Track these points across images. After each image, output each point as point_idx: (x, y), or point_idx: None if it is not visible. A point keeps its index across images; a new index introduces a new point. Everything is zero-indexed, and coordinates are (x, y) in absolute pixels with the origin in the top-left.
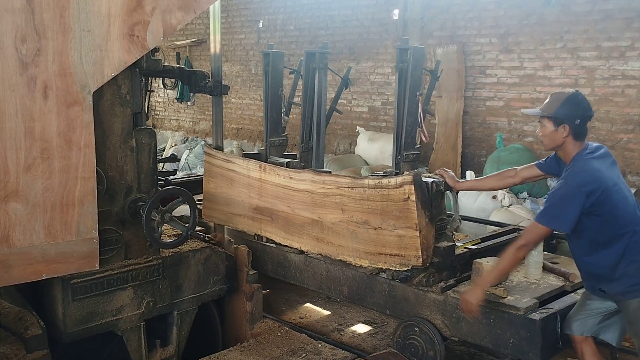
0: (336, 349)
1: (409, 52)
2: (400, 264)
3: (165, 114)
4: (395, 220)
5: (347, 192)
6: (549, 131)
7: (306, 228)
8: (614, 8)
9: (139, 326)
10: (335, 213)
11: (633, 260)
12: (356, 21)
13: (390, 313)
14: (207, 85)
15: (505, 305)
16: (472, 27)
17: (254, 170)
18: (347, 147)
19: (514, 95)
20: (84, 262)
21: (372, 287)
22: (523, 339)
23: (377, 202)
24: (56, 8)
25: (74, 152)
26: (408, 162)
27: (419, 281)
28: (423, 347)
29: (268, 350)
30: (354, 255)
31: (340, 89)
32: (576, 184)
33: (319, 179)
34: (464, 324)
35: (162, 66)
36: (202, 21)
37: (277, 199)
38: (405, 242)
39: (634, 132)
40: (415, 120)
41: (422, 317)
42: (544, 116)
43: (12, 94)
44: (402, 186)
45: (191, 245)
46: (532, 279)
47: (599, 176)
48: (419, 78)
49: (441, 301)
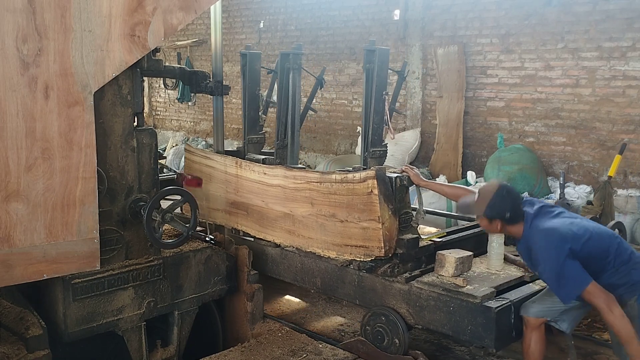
0: (337, 349)
1: (375, 53)
2: (364, 255)
3: (166, 114)
4: (359, 213)
5: (316, 187)
6: (485, 225)
7: (279, 221)
8: (615, 8)
9: (140, 326)
10: (306, 207)
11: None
12: (357, 21)
13: (359, 303)
14: (208, 86)
15: (464, 293)
16: (473, 28)
17: (230, 167)
18: (347, 147)
19: (515, 96)
20: (85, 262)
21: (342, 279)
22: (480, 326)
23: (343, 196)
24: (57, 8)
25: (75, 152)
26: (375, 158)
27: (383, 271)
28: (389, 335)
29: (269, 350)
30: (322, 247)
31: (315, 89)
32: (551, 257)
33: (291, 174)
34: (426, 312)
35: (163, 66)
36: (203, 21)
37: (252, 194)
38: (369, 233)
39: (635, 133)
40: (382, 119)
41: (388, 306)
42: (478, 216)
43: (13, 94)
44: (365, 181)
45: (192, 245)
46: (494, 269)
47: (561, 230)
48: (385, 78)
49: (406, 291)
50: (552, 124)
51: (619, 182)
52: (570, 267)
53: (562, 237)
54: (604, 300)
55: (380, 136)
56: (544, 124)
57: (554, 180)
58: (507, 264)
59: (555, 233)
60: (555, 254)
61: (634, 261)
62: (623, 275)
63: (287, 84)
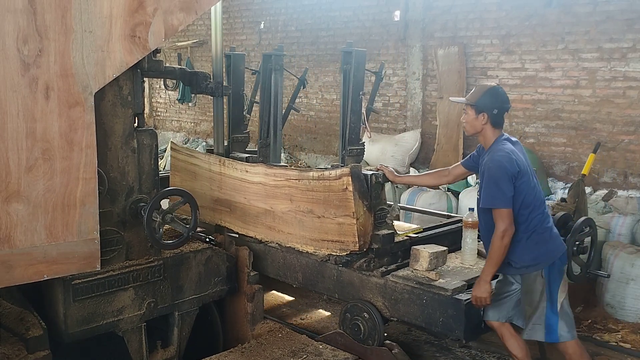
0: (337, 350)
1: (352, 55)
2: (340, 249)
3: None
4: (335, 209)
5: (294, 184)
6: (470, 118)
7: (260, 217)
8: (616, 9)
9: (140, 327)
10: (285, 203)
11: (532, 239)
12: (357, 22)
13: (338, 297)
14: (209, 86)
15: (436, 287)
16: (473, 29)
17: (214, 165)
18: None
19: (515, 97)
20: (85, 262)
21: (322, 273)
22: (450, 317)
23: (320, 193)
24: (58, 9)
25: (76, 152)
26: (352, 156)
27: (359, 266)
28: (366, 327)
29: (269, 351)
30: (301, 242)
31: (297, 89)
32: (499, 166)
33: (271, 172)
34: (401, 305)
35: (163, 67)
36: (203, 22)
37: (235, 191)
38: (344, 229)
39: (636, 134)
40: (359, 118)
41: (365, 299)
42: (467, 104)
43: (14, 94)
44: (341, 178)
45: (192, 246)
46: (467, 264)
47: (514, 159)
48: (361, 79)
49: (382, 284)
50: (553, 125)
51: (619, 183)
52: (506, 184)
53: (517, 163)
54: (504, 226)
55: (357, 135)
56: (544, 125)
57: (555, 181)
58: (480, 259)
59: (513, 157)
60: (504, 168)
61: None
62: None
63: (269, 84)
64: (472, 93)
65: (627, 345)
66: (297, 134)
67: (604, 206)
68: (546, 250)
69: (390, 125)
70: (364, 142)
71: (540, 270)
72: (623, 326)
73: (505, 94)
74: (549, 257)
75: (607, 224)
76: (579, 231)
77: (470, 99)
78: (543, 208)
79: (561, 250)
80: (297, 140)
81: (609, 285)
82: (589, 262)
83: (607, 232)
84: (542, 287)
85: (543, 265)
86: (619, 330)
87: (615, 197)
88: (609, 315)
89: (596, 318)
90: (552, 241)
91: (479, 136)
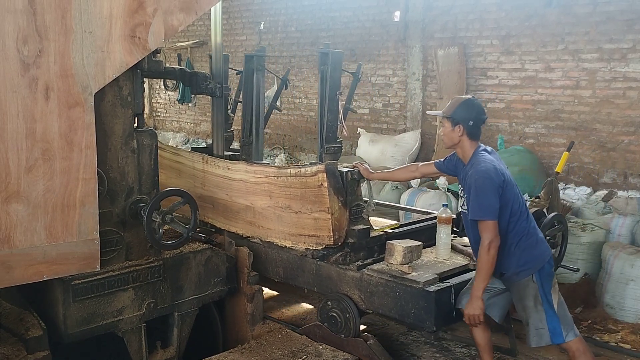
0: (337, 350)
1: (328, 56)
2: (316, 244)
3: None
4: (311, 204)
5: (273, 181)
6: (447, 130)
7: (241, 213)
8: (615, 10)
9: (140, 327)
10: (264, 199)
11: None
12: (357, 22)
13: (317, 290)
14: (209, 87)
15: (408, 280)
16: (473, 29)
17: (198, 162)
18: (347, 149)
19: (515, 97)
20: (85, 263)
21: (302, 268)
22: (422, 309)
23: (297, 189)
24: (58, 9)
25: (75, 153)
26: (330, 154)
27: (336, 260)
28: (342, 319)
29: (269, 351)
30: (279, 237)
31: (280, 89)
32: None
33: (251, 169)
34: (375, 297)
35: (163, 67)
36: (203, 22)
37: (217, 188)
38: (320, 224)
39: (636, 134)
40: (336, 117)
41: (343, 292)
42: (444, 117)
43: (14, 95)
44: (316, 174)
45: (192, 246)
46: (441, 258)
47: (499, 168)
48: (338, 79)
49: (358, 278)
50: (553, 125)
51: (619, 183)
52: (492, 195)
53: (502, 173)
54: (490, 238)
55: (334, 133)
56: (544, 126)
57: None
58: (455, 254)
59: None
60: (490, 179)
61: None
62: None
63: (251, 84)
64: (448, 106)
65: (626, 346)
66: (297, 134)
67: (603, 207)
68: (535, 255)
69: (390, 126)
70: (341, 140)
71: (530, 275)
72: (623, 327)
73: (480, 105)
74: (538, 261)
75: (607, 224)
76: (549, 226)
77: (446, 112)
78: (527, 214)
79: (549, 254)
80: (297, 141)
81: (608, 285)
82: (560, 256)
83: (607, 233)
84: (535, 291)
85: (533, 270)
86: (618, 331)
87: (615, 197)
88: (609, 315)
89: (596, 318)
90: (539, 245)
91: (457, 148)
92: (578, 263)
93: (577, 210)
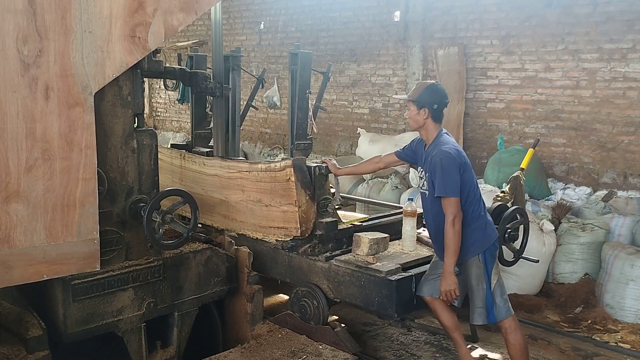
0: (336, 350)
1: (298, 57)
2: (285, 235)
3: (166, 115)
4: (280, 198)
5: (245, 176)
6: (413, 114)
7: (216, 207)
8: (615, 10)
9: (140, 327)
10: (238, 194)
11: (472, 226)
12: (357, 23)
13: (289, 281)
14: (209, 87)
15: (372, 269)
16: (473, 29)
17: (176, 159)
18: (347, 149)
19: (515, 97)
20: (85, 263)
21: (275, 259)
22: (384, 297)
23: (267, 183)
24: (58, 9)
25: (75, 153)
26: (300, 150)
27: (304, 251)
28: (311, 307)
29: (268, 351)
30: (251, 230)
31: (256, 88)
32: (449, 157)
33: (225, 164)
34: (343, 287)
35: (163, 67)
36: (203, 22)
37: (194, 182)
38: (288, 216)
39: (635, 134)
40: (306, 115)
41: (313, 282)
42: (410, 100)
43: (14, 94)
44: (284, 169)
45: (192, 246)
46: (407, 250)
47: (460, 150)
48: (308, 79)
49: (326, 268)
50: (553, 125)
51: (619, 183)
52: (455, 174)
53: (463, 155)
54: (454, 214)
55: (304, 130)
56: (544, 126)
57: (555, 181)
58: (420, 245)
59: (459, 149)
60: (453, 159)
61: (489, 220)
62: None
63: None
64: (413, 90)
65: (626, 346)
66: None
67: (603, 207)
68: (483, 236)
69: (390, 126)
70: (311, 137)
71: (477, 255)
72: (622, 327)
73: (443, 89)
74: (486, 241)
75: (607, 224)
76: (509, 219)
77: (411, 96)
78: (480, 197)
79: (495, 236)
80: None
81: (608, 285)
82: (522, 248)
83: (607, 233)
84: (480, 271)
85: (481, 249)
86: (618, 331)
87: (615, 197)
88: (609, 315)
89: (596, 318)
90: (488, 227)
91: (421, 130)
92: (578, 263)
93: (577, 210)
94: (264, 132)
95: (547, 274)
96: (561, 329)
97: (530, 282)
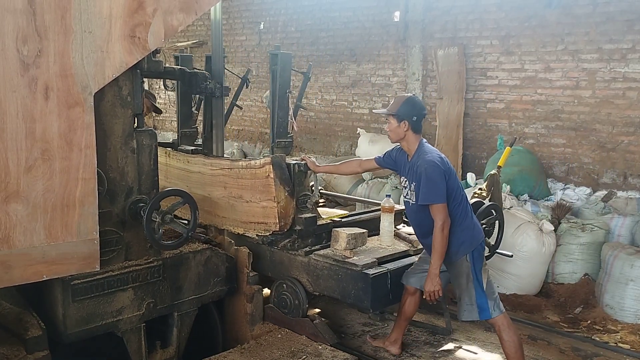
0: (336, 350)
1: (278, 57)
2: (264, 230)
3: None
4: (260, 194)
5: (227, 173)
6: (393, 127)
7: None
8: (615, 10)
9: (139, 327)
10: (220, 190)
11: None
12: (357, 23)
13: (271, 275)
14: (208, 87)
15: (349, 263)
16: (473, 29)
17: (161, 156)
18: (347, 149)
19: (515, 97)
20: (85, 263)
21: (258, 255)
22: (360, 290)
23: (248, 180)
24: (57, 9)
25: (75, 153)
26: (280, 147)
27: (284, 245)
28: (291, 300)
29: (268, 351)
30: (233, 225)
31: (240, 88)
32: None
33: (208, 162)
34: (321, 280)
35: (163, 67)
36: (203, 23)
37: (178, 180)
38: (267, 212)
39: (635, 135)
40: (286, 114)
41: (293, 276)
42: (389, 114)
43: (13, 94)
44: (264, 166)
45: (192, 246)
46: (385, 245)
47: (444, 157)
48: (288, 78)
49: (306, 262)
50: (552, 125)
51: (619, 184)
52: (440, 181)
53: (446, 162)
54: (442, 219)
55: (285, 129)
56: (544, 126)
57: (554, 182)
58: (398, 240)
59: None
60: (437, 167)
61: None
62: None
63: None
64: (392, 104)
65: (626, 346)
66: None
67: (603, 207)
68: (471, 236)
69: None
70: (291, 135)
71: (465, 254)
72: (622, 327)
73: (421, 102)
74: (473, 241)
75: (606, 224)
76: (484, 215)
77: (391, 109)
78: (466, 201)
79: (482, 237)
80: (296, 141)
81: (608, 286)
82: (497, 244)
83: (607, 233)
84: (468, 270)
85: (469, 250)
86: (618, 331)
87: (614, 198)
88: (608, 316)
89: (595, 319)
90: (475, 228)
91: (402, 142)
92: (578, 263)
93: (576, 210)
94: (263, 132)
95: (547, 274)
96: (561, 329)
97: (530, 282)
